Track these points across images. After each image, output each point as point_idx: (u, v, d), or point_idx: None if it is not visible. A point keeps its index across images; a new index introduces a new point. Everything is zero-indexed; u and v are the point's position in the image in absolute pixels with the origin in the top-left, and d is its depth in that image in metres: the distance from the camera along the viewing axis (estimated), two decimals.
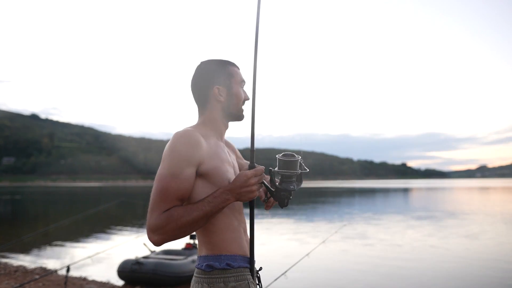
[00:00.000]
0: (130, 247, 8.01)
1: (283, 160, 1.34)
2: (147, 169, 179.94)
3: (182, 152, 1.27)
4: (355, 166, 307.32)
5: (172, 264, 5.93)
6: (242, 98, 1.45)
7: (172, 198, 1.25)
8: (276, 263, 7.05)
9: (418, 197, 36.83)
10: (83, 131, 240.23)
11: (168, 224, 1.21)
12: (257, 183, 1.29)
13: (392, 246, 9.73)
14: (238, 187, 1.27)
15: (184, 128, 1.35)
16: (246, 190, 1.27)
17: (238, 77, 1.45)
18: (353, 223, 14.52)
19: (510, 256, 8.55)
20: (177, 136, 1.30)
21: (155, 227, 1.22)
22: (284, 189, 1.35)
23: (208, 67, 1.43)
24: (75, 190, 62.34)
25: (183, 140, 1.28)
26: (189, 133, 1.30)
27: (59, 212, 23.18)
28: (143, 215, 20.32)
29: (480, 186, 74.39)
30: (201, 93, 1.43)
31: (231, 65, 1.45)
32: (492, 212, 19.24)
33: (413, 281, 6.56)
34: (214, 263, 1.32)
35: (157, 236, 1.22)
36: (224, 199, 1.26)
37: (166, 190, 1.24)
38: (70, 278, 6.17)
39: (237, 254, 1.35)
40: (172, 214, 1.23)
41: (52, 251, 9.74)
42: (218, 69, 1.43)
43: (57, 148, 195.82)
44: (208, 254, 1.35)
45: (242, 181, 1.27)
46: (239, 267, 1.34)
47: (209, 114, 1.43)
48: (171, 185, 1.25)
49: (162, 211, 1.23)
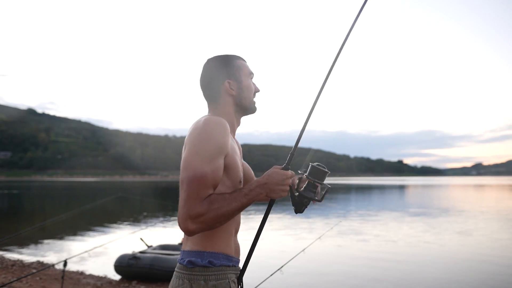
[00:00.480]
0: (127, 242, 8.04)
1: (317, 168, 1.36)
2: (144, 164, 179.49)
3: (218, 140, 1.25)
4: (352, 163, 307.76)
5: (169, 259, 5.96)
6: (253, 90, 1.46)
7: (209, 185, 1.21)
8: (272, 258, 7.11)
9: (414, 194, 37.00)
10: (80, 126, 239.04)
11: (208, 212, 1.18)
12: (289, 184, 1.31)
13: (387, 242, 9.81)
14: (274, 184, 1.27)
15: (210, 116, 1.33)
16: (280, 188, 1.28)
17: (247, 69, 1.46)
18: (349, 219, 14.60)
19: (503, 252, 8.64)
20: (212, 123, 1.27)
21: (195, 214, 1.17)
22: (307, 196, 1.37)
23: (216, 63, 1.44)
24: (72, 185, 62.17)
25: (219, 128, 1.26)
26: (223, 122, 1.29)
27: (56, 207, 23.14)
28: (140, 210, 20.35)
29: (476, 183, 74.75)
30: (212, 88, 1.42)
31: (238, 59, 1.46)
32: (487, 209, 19.37)
33: (408, 277, 6.63)
34: (196, 260, 1.29)
35: (196, 225, 1.18)
36: (258, 193, 1.25)
37: (204, 177, 1.20)
38: (67, 272, 6.20)
39: (220, 252, 1.32)
40: (213, 202, 1.20)
41: (49, 245, 9.75)
42: (226, 63, 1.43)
43: (53, 143, 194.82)
44: (191, 249, 1.32)
45: (280, 179, 1.27)
46: (221, 266, 1.31)
47: (223, 109, 1.42)
48: (207, 171, 1.21)
49: (202, 198, 1.19)
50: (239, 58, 1.47)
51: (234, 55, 1.47)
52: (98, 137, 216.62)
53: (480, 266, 7.36)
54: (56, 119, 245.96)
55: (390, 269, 7.14)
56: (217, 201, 1.20)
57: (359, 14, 1.45)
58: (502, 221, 14.53)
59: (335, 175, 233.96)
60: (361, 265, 7.47)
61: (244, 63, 1.47)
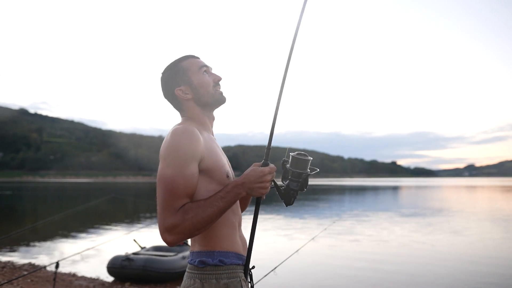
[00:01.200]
0: (120, 243, 7.99)
1: (296, 158, 1.35)
2: (138, 165, 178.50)
3: (186, 148, 1.25)
4: (346, 164, 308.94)
5: (162, 261, 5.93)
6: (208, 83, 1.42)
7: (182, 196, 1.23)
8: (265, 259, 7.11)
9: (407, 195, 37.24)
10: (73, 126, 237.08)
11: (183, 222, 1.19)
12: (271, 180, 1.30)
13: (380, 243, 9.86)
14: (252, 182, 1.27)
15: (182, 124, 1.33)
16: (259, 185, 1.27)
17: (194, 66, 1.42)
18: (342, 220, 14.64)
19: (493, 252, 8.73)
20: (178, 132, 1.27)
21: (170, 226, 1.19)
22: (292, 188, 1.36)
23: (164, 75, 1.44)
24: (64, 186, 61.65)
25: (185, 136, 1.26)
26: (190, 129, 1.28)
27: (48, 208, 22.93)
28: (133, 211, 20.25)
29: (468, 184, 75.46)
30: (172, 100, 1.44)
31: (183, 61, 1.43)
32: (478, 210, 19.57)
33: (400, 277, 6.67)
34: (207, 259, 1.31)
35: (173, 236, 1.20)
36: (236, 194, 1.26)
37: (175, 189, 1.22)
38: (59, 274, 6.14)
39: (230, 250, 1.34)
40: (187, 211, 1.21)
41: (41, 247, 9.66)
42: (172, 72, 1.42)
43: (46, 143, 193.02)
44: (201, 250, 1.34)
45: (258, 176, 1.27)
46: (231, 264, 1.33)
47: (190, 113, 1.43)
48: (179, 182, 1.22)
49: (175, 210, 1.21)
50: (185, 59, 1.44)
51: (180, 58, 1.44)
52: (92, 138, 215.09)
53: (471, 266, 7.43)
54: (48, 119, 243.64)
55: (383, 270, 7.17)
56: (191, 210, 1.21)
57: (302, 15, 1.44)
58: (493, 221, 14.68)
59: (329, 176, 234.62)
60: (355, 266, 7.50)
61: (192, 60, 1.43)
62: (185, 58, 1.44)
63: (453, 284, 6.31)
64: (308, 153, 1.45)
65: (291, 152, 1.39)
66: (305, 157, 1.37)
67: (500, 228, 12.83)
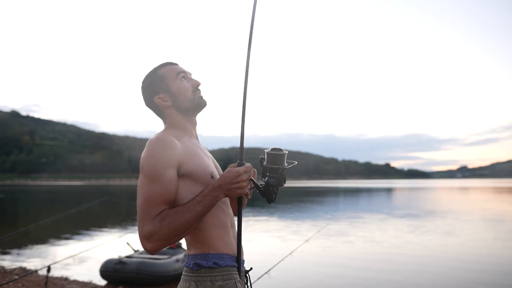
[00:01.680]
0: (113, 247, 7.92)
1: (271, 154, 1.35)
2: (131, 167, 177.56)
3: (160, 157, 1.27)
4: (340, 166, 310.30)
5: (156, 264, 5.88)
6: (187, 89, 1.43)
7: (159, 203, 1.24)
8: (259, 261, 7.09)
9: (401, 197, 37.46)
10: (66, 128, 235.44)
11: (161, 229, 1.21)
12: (247, 179, 1.29)
13: (373, 244, 9.89)
14: (228, 183, 1.26)
15: (156, 134, 1.36)
16: (236, 186, 1.27)
17: (171, 73, 1.43)
18: (337, 222, 14.68)
19: (485, 252, 8.80)
20: (151, 143, 1.30)
21: (148, 234, 1.21)
22: (271, 184, 1.35)
23: (143, 85, 1.46)
24: (56, 189, 61.11)
25: (158, 145, 1.28)
26: (162, 137, 1.31)
27: (40, 211, 22.70)
28: (127, 213, 20.11)
29: (461, 186, 76.15)
30: (153, 109, 1.47)
31: (160, 68, 1.45)
32: (471, 211, 19.74)
33: (394, 278, 6.69)
34: (202, 262, 1.32)
35: (152, 243, 1.22)
36: (214, 197, 1.26)
37: (152, 196, 1.24)
38: (50, 278, 6.07)
39: (224, 252, 1.35)
40: (164, 218, 1.22)
41: (33, 251, 9.55)
42: (150, 81, 1.44)
43: (38, 146, 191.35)
44: (196, 252, 1.35)
45: (233, 177, 1.27)
46: (226, 266, 1.34)
47: (171, 120, 1.44)
48: (156, 190, 1.25)
49: (152, 217, 1.23)
50: (162, 66, 1.45)
51: (157, 66, 1.45)
52: (84, 140, 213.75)
53: (463, 266, 7.49)
54: (40, 122, 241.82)
55: (377, 271, 7.19)
56: (168, 216, 1.22)
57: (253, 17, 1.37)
58: (486, 222, 14.82)
59: (324, 178, 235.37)
60: (349, 268, 7.52)
61: (169, 67, 1.44)
62: (162, 66, 1.45)
63: (445, 284, 6.35)
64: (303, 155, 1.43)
65: (265, 149, 1.38)
66: (280, 151, 1.36)
67: (492, 228, 12.94)
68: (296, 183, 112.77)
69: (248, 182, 1.30)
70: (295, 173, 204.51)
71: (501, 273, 7.07)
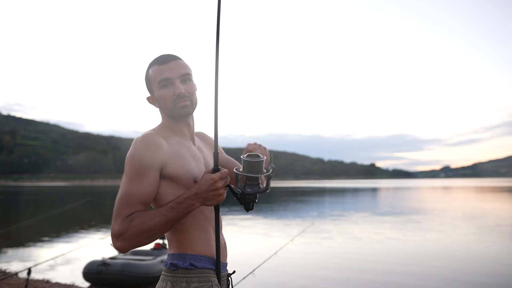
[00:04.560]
0: (96, 248, 7.81)
1: (247, 161, 1.28)
2: (116, 168, 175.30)
3: (142, 157, 1.25)
4: (326, 166, 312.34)
5: (140, 265, 5.83)
6: (167, 98, 1.36)
7: (134, 203, 1.24)
8: (244, 262, 7.09)
9: (386, 197, 37.97)
10: (49, 128, 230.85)
11: (129, 230, 1.20)
12: (224, 186, 1.25)
13: (358, 243, 10.01)
14: (204, 191, 1.22)
15: (143, 133, 1.33)
16: (213, 194, 1.23)
17: (156, 78, 1.37)
18: (321, 221, 14.80)
19: (463, 247, 9.03)
20: (136, 142, 1.29)
21: (117, 233, 1.20)
22: (249, 192, 1.28)
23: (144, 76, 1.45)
24: (39, 190, 59.83)
25: (142, 145, 1.27)
26: (148, 137, 1.29)
27: (21, 212, 22.19)
28: (111, 215, 19.72)
29: (443, 185, 77.68)
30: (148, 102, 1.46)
31: (151, 67, 1.40)
32: (452, 209, 20.18)
33: (378, 276, 6.78)
34: (178, 262, 1.31)
35: (120, 242, 1.21)
36: (188, 205, 1.22)
37: (128, 196, 1.24)
38: (31, 281, 5.95)
39: (202, 254, 1.32)
40: (133, 219, 1.21)
41: (13, 253, 9.34)
42: (145, 77, 1.43)
43: (19, 146, 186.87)
44: (174, 252, 1.34)
45: (209, 184, 1.22)
46: (203, 268, 1.31)
47: (162, 118, 1.44)
48: (133, 190, 1.24)
49: (125, 217, 1.22)
50: (151, 65, 1.40)
51: (150, 63, 1.41)
52: (68, 140, 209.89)
53: (441, 262, 7.66)
54: (22, 121, 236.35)
55: (361, 269, 7.28)
56: (138, 218, 1.21)
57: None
58: (466, 220, 15.16)
59: (310, 178, 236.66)
60: (334, 266, 7.59)
61: (155, 69, 1.38)
62: (151, 64, 1.40)
63: (427, 279, 6.47)
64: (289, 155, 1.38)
65: (241, 156, 1.32)
66: (257, 158, 1.28)
67: (472, 226, 13.24)
68: (282, 183, 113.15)
69: (225, 189, 1.26)
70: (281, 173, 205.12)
71: (478, 268, 7.25)
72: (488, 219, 15.67)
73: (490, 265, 7.63)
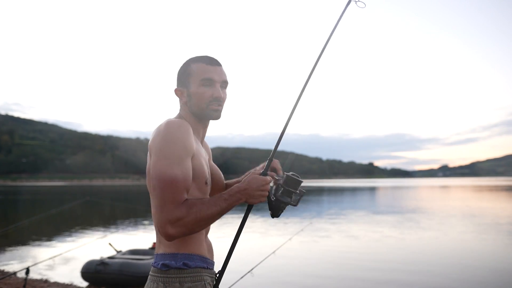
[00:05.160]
0: (95, 248, 7.82)
1: (292, 178, 1.40)
2: (114, 167, 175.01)
3: (183, 141, 1.23)
4: (324, 166, 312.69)
5: (139, 264, 5.84)
6: (204, 97, 1.36)
7: (182, 189, 1.21)
8: (242, 261, 7.10)
9: (384, 196, 38.05)
10: (47, 128, 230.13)
11: (188, 216, 1.18)
12: (268, 190, 1.33)
13: (356, 242, 10.03)
14: (254, 189, 1.28)
15: (172, 118, 1.31)
16: (259, 193, 1.30)
17: (199, 74, 1.37)
18: (320, 220, 14.83)
19: (459, 245, 9.06)
20: (173, 125, 1.25)
21: (175, 218, 1.17)
22: (283, 201, 1.40)
23: (180, 68, 1.42)
24: (37, 190, 59.71)
25: (182, 129, 1.25)
26: (185, 124, 1.28)
27: (19, 212, 22.16)
28: (109, 214, 19.84)
29: (441, 184, 77.84)
30: (175, 94, 1.44)
31: (194, 62, 1.39)
32: (450, 208, 20.23)
33: (376, 274, 6.80)
34: (170, 262, 1.27)
35: (176, 229, 1.18)
36: (237, 198, 1.27)
37: (176, 181, 1.19)
38: (29, 280, 5.95)
39: (194, 253, 1.31)
40: (192, 205, 1.20)
41: (12, 253, 9.33)
42: (182, 69, 1.40)
43: (18, 146, 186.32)
44: (165, 252, 1.30)
45: (260, 185, 1.29)
46: (196, 267, 1.30)
47: (183, 113, 1.42)
48: (179, 175, 1.20)
49: (179, 202, 1.19)
50: (197, 61, 1.39)
51: (194, 58, 1.40)
52: (66, 140, 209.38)
53: (438, 259, 7.69)
54: (20, 121, 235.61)
55: (359, 268, 7.30)
56: (196, 205, 1.21)
57: (339, 21, 1.50)
58: (464, 218, 15.19)
59: (308, 178, 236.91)
60: (332, 266, 7.61)
61: (201, 66, 1.37)
62: (197, 61, 1.39)
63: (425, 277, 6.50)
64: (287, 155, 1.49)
65: (286, 172, 1.43)
66: (298, 178, 1.41)
67: (469, 224, 13.28)
68: None
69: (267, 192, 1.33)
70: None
71: (476, 266, 7.28)
72: (486, 217, 15.72)
73: (488, 263, 7.67)
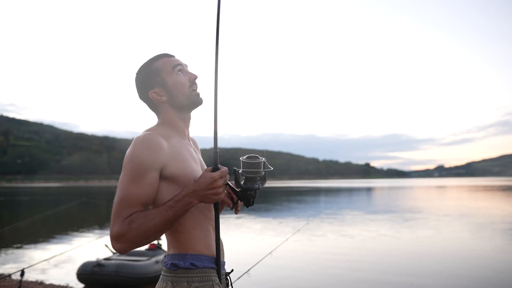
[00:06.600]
0: (91, 249, 7.79)
1: (247, 162, 1.34)
2: (110, 168, 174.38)
3: (142, 157, 1.23)
4: (321, 166, 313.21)
5: (135, 266, 5.82)
6: (184, 83, 1.37)
7: (134, 204, 1.22)
8: (239, 261, 7.11)
9: (380, 196, 38.16)
10: (42, 129, 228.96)
11: (129, 231, 1.19)
12: (223, 184, 1.26)
13: (352, 242, 10.06)
14: (202, 189, 1.23)
15: (143, 132, 1.31)
16: (211, 192, 1.23)
17: (168, 66, 1.37)
18: (316, 221, 14.85)
19: (454, 244, 9.11)
20: (137, 141, 1.26)
21: (117, 235, 1.19)
22: (249, 188, 1.34)
23: (138, 77, 1.40)
24: (33, 191, 59.38)
25: (143, 145, 1.24)
26: (149, 137, 1.26)
27: (15, 213, 22.03)
28: (105, 215, 19.75)
29: (437, 185, 78.20)
30: (147, 101, 1.41)
31: (155, 60, 1.38)
32: (446, 208, 20.33)
33: (373, 274, 6.82)
34: (179, 262, 1.30)
35: (120, 244, 1.20)
36: (187, 202, 1.23)
37: (128, 197, 1.22)
38: (24, 282, 5.92)
39: (203, 254, 1.32)
40: (133, 220, 1.20)
41: (7, 255, 9.27)
42: (145, 73, 1.38)
43: (13, 147, 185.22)
44: (174, 252, 1.33)
45: (208, 183, 1.23)
46: (204, 267, 1.31)
47: (164, 116, 1.40)
48: (133, 191, 1.22)
49: (124, 218, 1.20)
50: (158, 58, 1.39)
51: (153, 58, 1.39)
52: (62, 141, 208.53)
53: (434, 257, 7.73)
54: (16, 122, 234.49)
55: (356, 268, 7.32)
56: (138, 219, 1.20)
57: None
58: (460, 218, 15.28)
59: (305, 178, 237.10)
60: (328, 266, 7.62)
61: (165, 59, 1.38)
62: (158, 58, 1.38)
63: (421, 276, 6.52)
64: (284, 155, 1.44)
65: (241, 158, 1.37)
66: (256, 159, 1.34)
67: (465, 223, 13.35)
68: (277, 183, 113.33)
69: (224, 188, 1.27)
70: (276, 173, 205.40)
71: (471, 264, 7.32)
72: (481, 217, 15.81)
73: (483, 262, 7.72)
